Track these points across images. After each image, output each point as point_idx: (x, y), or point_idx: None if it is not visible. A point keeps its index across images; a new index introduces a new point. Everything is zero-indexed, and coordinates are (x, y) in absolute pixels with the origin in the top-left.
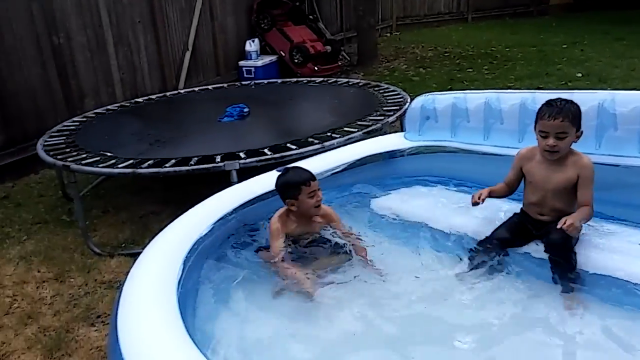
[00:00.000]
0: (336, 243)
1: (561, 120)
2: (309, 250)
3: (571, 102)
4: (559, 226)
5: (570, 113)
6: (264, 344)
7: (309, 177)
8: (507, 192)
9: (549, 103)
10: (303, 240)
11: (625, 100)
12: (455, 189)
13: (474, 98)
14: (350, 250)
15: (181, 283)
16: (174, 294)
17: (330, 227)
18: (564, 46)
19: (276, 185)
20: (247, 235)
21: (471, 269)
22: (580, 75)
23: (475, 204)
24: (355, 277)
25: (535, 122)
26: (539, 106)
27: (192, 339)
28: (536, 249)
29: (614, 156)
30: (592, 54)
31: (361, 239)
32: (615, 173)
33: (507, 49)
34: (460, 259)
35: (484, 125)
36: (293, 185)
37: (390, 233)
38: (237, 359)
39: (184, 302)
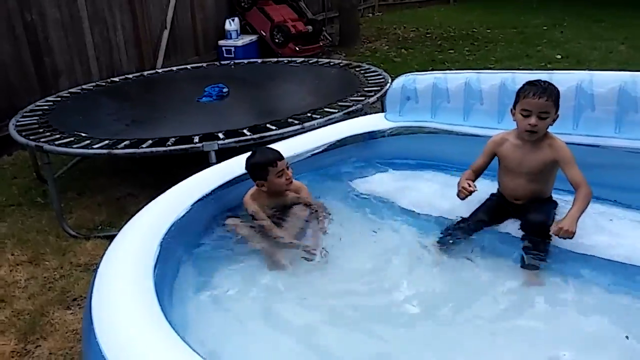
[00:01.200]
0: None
1: (545, 99)
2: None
3: (552, 84)
4: (552, 232)
5: (553, 93)
6: (243, 324)
7: (276, 157)
8: (473, 180)
9: (532, 83)
10: (275, 210)
11: (603, 80)
12: (435, 169)
13: (454, 78)
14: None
15: (157, 265)
16: (150, 277)
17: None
18: (544, 28)
19: (245, 167)
20: (226, 217)
21: (448, 249)
22: (559, 57)
23: (469, 193)
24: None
25: (516, 102)
26: (518, 87)
27: (169, 322)
28: (515, 229)
29: (591, 136)
30: (571, 35)
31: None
32: (592, 153)
33: (488, 31)
34: (438, 239)
35: (463, 106)
36: (260, 167)
37: (369, 212)
38: (216, 340)
39: (161, 284)
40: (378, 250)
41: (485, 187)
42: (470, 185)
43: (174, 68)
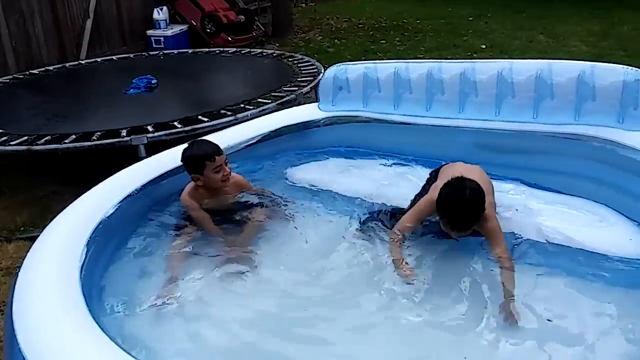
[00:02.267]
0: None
1: (467, 230)
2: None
3: (467, 197)
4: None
5: (473, 217)
6: (178, 322)
7: (214, 151)
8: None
9: (453, 207)
10: (218, 215)
11: (522, 69)
12: (368, 157)
13: (384, 68)
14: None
15: (85, 266)
16: (76, 279)
17: (244, 194)
18: (470, 18)
19: (181, 159)
20: (158, 212)
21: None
22: (484, 46)
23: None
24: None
25: (441, 218)
26: (444, 75)
27: (99, 324)
28: None
29: (513, 122)
30: (495, 26)
31: (276, 198)
32: (513, 138)
33: (418, 21)
34: (373, 226)
35: (394, 95)
36: (197, 160)
37: (306, 202)
38: (151, 340)
39: (89, 286)
40: (316, 238)
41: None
42: (411, 272)
43: (99, 59)
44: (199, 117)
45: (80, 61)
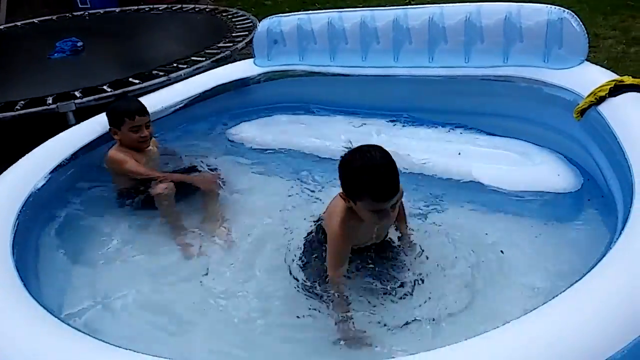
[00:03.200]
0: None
1: (398, 189)
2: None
3: (385, 157)
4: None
5: (397, 176)
6: (117, 295)
7: (136, 110)
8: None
9: (372, 172)
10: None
11: (452, 12)
12: (307, 112)
13: (318, 18)
14: None
15: (16, 243)
16: (8, 256)
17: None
18: None
19: (105, 111)
20: (93, 180)
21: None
22: None
23: None
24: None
25: (359, 200)
26: (378, 24)
27: (36, 299)
28: None
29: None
30: None
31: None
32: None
33: None
34: (315, 181)
35: (329, 47)
36: (117, 114)
37: (247, 161)
38: (94, 315)
39: (24, 263)
40: (270, 198)
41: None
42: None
43: (19, 23)
44: (130, 79)
45: None
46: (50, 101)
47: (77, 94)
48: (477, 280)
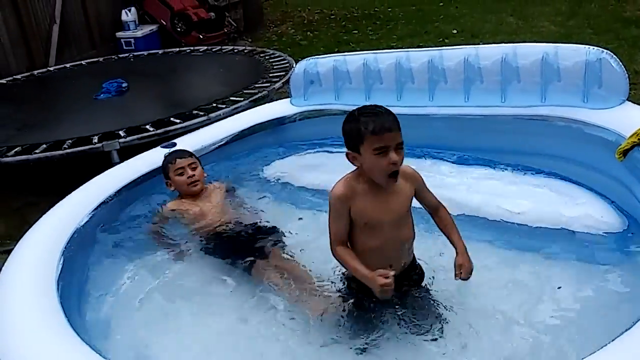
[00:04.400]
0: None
1: (397, 127)
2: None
3: (383, 108)
4: (457, 278)
5: (395, 117)
6: (163, 327)
7: (176, 155)
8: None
9: (369, 114)
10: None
11: (488, 53)
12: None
13: (354, 60)
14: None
15: (61, 276)
16: (53, 290)
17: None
18: (441, 4)
19: None
20: (135, 217)
21: None
22: (455, 31)
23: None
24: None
25: (357, 143)
26: (413, 64)
27: (80, 336)
28: None
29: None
30: (465, 10)
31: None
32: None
33: (389, 9)
34: None
35: (364, 86)
36: (163, 166)
37: (285, 199)
38: (135, 350)
39: (67, 297)
40: (305, 233)
41: None
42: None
43: (68, 65)
44: (171, 119)
45: (49, 68)
46: (96, 140)
47: (121, 133)
48: None
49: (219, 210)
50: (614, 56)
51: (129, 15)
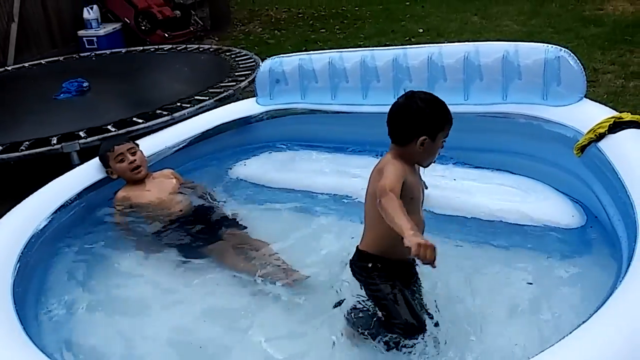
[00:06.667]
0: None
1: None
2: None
3: None
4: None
5: None
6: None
7: (114, 143)
8: None
9: (445, 105)
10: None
11: (451, 52)
12: (309, 149)
13: (319, 58)
14: None
15: (17, 283)
16: (9, 296)
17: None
18: (407, 3)
19: None
20: (96, 221)
21: None
22: (421, 30)
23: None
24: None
25: (441, 130)
26: (378, 63)
27: (35, 343)
28: None
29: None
30: (431, 9)
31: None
32: None
33: (357, 9)
34: (320, 217)
35: (330, 85)
36: (101, 156)
37: (250, 199)
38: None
39: (23, 303)
40: (267, 232)
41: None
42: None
43: (27, 64)
44: (134, 118)
45: (7, 67)
46: (54, 141)
47: (81, 134)
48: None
49: (172, 197)
50: (572, 54)
51: (91, 13)
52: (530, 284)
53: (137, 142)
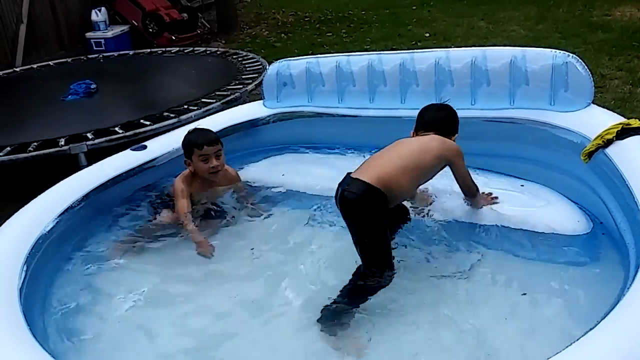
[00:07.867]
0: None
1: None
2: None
3: None
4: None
5: None
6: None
7: (204, 141)
8: None
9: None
10: (201, 205)
11: (458, 56)
12: (317, 152)
13: (326, 62)
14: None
15: (24, 285)
16: (16, 298)
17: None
18: (414, 8)
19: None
20: (103, 223)
21: None
22: (428, 35)
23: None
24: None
25: (456, 129)
26: (385, 67)
27: (42, 345)
28: None
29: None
30: (437, 14)
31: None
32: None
33: (363, 12)
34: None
35: (337, 88)
36: (188, 145)
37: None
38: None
39: (30, 305)
40: (273, 235)
41: None
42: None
43: (35, 65)
44: (141, 121)
45: (15, 68)
46: (62, 143)
47: (89, 135)
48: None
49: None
50: (580, 60)
51: (99, 15)
52: (533, 290)
53: (146, 143)
